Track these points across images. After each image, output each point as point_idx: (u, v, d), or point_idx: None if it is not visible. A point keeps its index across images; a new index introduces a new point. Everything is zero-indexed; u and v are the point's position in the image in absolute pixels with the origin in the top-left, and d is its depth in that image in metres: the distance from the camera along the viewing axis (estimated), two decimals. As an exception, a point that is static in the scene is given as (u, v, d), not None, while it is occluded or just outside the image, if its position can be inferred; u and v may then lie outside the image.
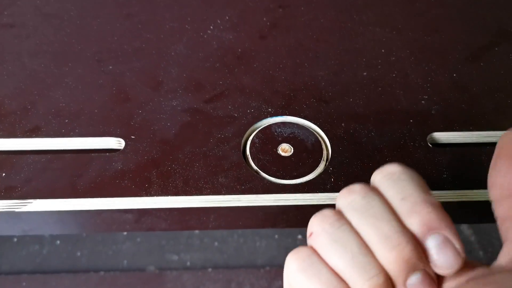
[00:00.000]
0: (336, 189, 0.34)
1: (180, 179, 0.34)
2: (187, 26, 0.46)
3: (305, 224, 0.36)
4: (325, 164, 0.35)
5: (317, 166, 0.35)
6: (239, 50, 0.44)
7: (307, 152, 0.36)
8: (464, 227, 0.97)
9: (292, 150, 0.36)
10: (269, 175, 0.34)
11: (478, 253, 0.94)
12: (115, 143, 0.36)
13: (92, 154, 0.35)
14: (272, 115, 0.38)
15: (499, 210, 0.25)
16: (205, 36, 0.45)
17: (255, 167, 0.35)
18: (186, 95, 0.40)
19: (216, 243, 0.90)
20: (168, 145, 0.36)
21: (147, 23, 0.46)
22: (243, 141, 0.36)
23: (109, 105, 0.39)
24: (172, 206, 0.33)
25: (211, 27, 0.46)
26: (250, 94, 0.40)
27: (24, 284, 0.83)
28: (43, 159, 0.34)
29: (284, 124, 0.37)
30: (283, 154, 0.35)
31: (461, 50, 0.44)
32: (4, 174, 0.33)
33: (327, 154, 0.36)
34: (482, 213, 0.42)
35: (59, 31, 0.45)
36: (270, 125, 0.37)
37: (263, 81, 0.41)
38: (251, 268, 0.83)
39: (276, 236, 0.89)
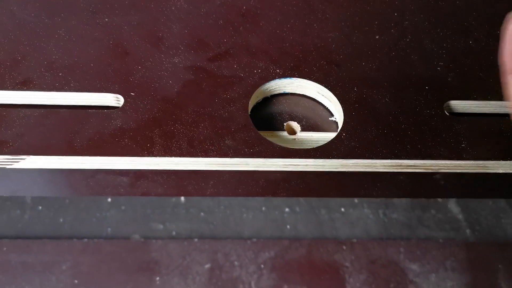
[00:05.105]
0: (349, 155, 0.32)
1: (185, 139, 0.31)
2: (188, -20, 0.43)
3: (306, 194, 0.35)
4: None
5: None
6: (244, 7, 0.42)
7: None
8: (452, 205, 0.97)
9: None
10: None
11: (465, 231, 0.95)
12: (113, 99, 0.34)
13: (89, 111, 0.32)
14: (280, 77, 0.36)
15: None
16: (208, -8, 0.43)
17: None
18: (189, 52, 0.37)
19: (202, 214, 0.88)
20: (170, 103, 0.33)
21: (145, -25, 0.43)
22: (250, 103, 0.34)
23: (106, 59, 0.36)
24: (177, 168, 0.31)
25: (214, -18, 0.43)
26: (256, 54, 0.38)
27: (5, 249, 0.80)
28: (36, 114, 0.32)
29: None
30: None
31: (477, 16, 0.42)
32: (-7, 128, 0.31)
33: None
34: (502, 185, 0.41)
35: (50, -21, 0.42)
36: None
37: (270, 41, 0.39)
38: (237, 240, 0.81)
39: (263, 209, 0.88)
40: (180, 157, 0.31)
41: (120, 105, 0.33)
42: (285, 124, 0.35)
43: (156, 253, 0.82)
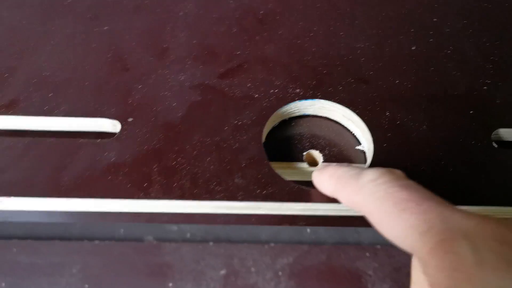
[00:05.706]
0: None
1: (187, 177, 0.27)
2: (199, -20, 0.39)
3: (327, 223, 0.30)
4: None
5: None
6: (261, 12, 0.37)
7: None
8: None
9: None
10: None
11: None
12: (109, 125, 0.29)
13: (81, 140, 0.28)
14: (300, 98, 0.31)
15: None
16: (221, -7, 0.38)
17: None
18: (197, 67, 0.33)
19: (218, 213, 0.85)
20: (173, 131, 0.29)
21: (152, -27, 0.39)
22: (265, 130, 0.30)
23: (103, 76, 0.32)
24: (177, 211, 0.27)
25: (228, -18, 0.39)
26: (274, 68, 0.33)
27: (14, 250, 0.78)
28: (20, 144, 0.28)
29: None
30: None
31: (529, 24, 0.36)
32: (-31, 162, 0.27)
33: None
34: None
35: (46, -21, 0.38)
36: None
37: (290, 53, 0.34)
38: (254, 244, 0.77)
39: (282, 208, 0.83)
40: (181, 199, 0.26)
41: (117, 131, 0.29)
42: (304, 153, 0.30)
43: (169, 256, 0.79)
